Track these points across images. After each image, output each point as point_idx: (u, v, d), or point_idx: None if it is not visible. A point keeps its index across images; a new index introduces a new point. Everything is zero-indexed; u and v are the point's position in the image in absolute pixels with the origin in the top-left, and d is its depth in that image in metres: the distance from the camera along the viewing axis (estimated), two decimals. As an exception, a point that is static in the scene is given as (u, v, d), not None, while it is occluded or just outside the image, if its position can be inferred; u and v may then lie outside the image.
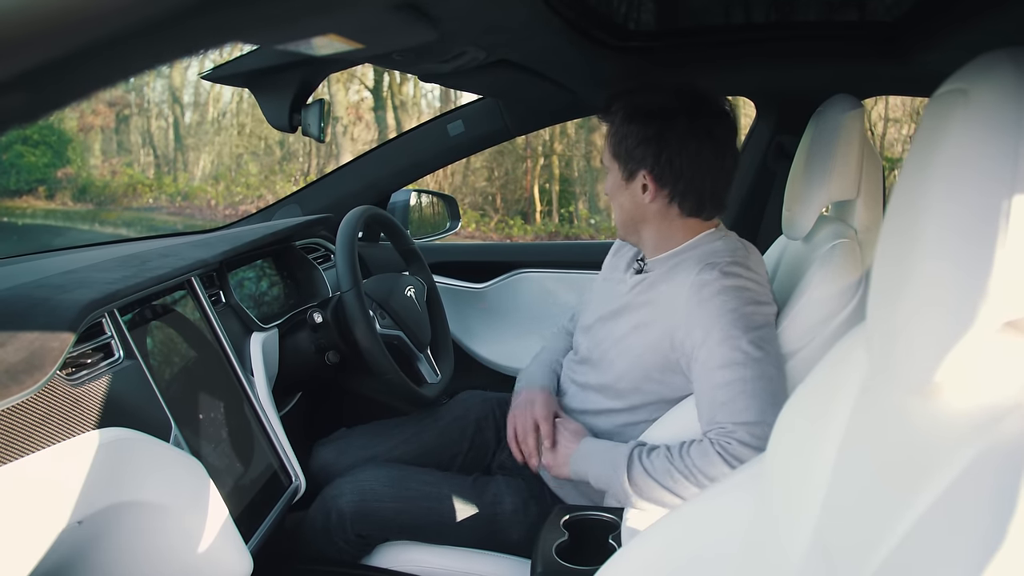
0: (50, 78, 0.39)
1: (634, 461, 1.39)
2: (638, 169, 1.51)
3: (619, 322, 1.56)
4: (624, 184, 1.54)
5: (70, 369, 1.15)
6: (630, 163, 1.51)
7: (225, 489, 1.36)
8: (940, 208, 0.60)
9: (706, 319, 1.41)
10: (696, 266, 1.46)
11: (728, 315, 1.40)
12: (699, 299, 1.42)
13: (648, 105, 1.49)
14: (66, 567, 1.16)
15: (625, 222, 1.58)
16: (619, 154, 1.53)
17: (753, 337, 1.39)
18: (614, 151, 1.53)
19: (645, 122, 1.48)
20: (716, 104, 1.50)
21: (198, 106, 12.08)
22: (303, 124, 1.67)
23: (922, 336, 0.61)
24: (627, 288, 1.59)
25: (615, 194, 1.57)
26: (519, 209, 10.37)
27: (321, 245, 2.30)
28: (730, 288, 1.41)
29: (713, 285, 1.42)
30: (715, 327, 1.39)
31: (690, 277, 1.45)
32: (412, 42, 1.11)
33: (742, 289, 1.42)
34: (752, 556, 0.86)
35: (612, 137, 1.53)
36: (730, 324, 1.39)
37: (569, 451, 1.52)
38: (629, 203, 1.55)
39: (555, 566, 1.31)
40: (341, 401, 2.21)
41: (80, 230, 10.64)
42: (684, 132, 1.47)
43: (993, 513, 0.52)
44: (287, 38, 0.81)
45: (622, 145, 1.52)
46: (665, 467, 1.37)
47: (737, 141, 1.55)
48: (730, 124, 1.52)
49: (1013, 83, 0.58)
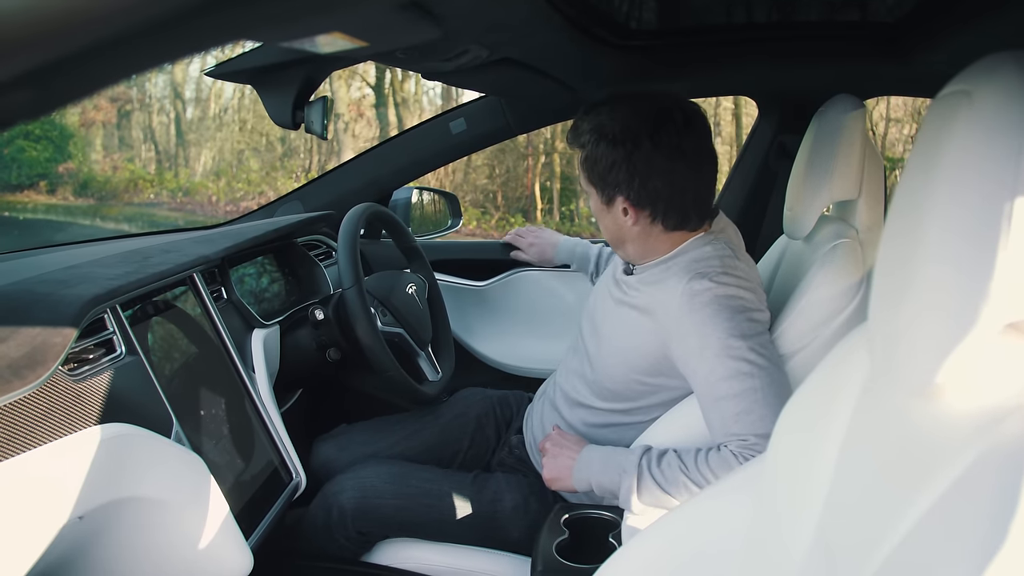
0: (55, 76, 0.40)
1: (644, 472, 1.38)
2: (615, 194, 1.49)
3: (609, 322, 1.57)
4: (605, 208, 1.52)
5: (72, 365, 1.15)
6: (607, 188, 1.49)
7: (226, 485, 1.36)
8: (942, 210, 0.60)
9: (700, 328, 1.40)
10: (685, 275, 1.44)
11: (723, 324, 1.38)
12: (691, 308, 1.41)
13: (612, 129, 1.45)
14: (67, 562, 1.16)
15: (612, 240, 1.57)
16: (593, 180, 1.50)
17: (753, 344, 1.38)
18: (588, 176, 1.51)
19: (611, 147, 1.45)
20: (679, 114, 1.45)
21: (200, 102, 12.09)
22: (306, 121, 1.67)
23: (924, 338, 0.61)
24: (618, 290, 1.58)
25: (599, 216, 1.55)
26: (520, 207, 10.38)
27: (323, 242, 2.30)
28: (722, 297, 1.40)
29: (704, 295, 1.40)
30: (711, 337, 1.38)
31: (680, 285, 1.43)
32: (415, 40, 1.11)
33: (734, 298, 1.41)
34: (753, 555, 0.86)
35: (585, 162, 1.51)
36: (726, 334, 1.38)
37: (571, 462, 1.50)
38: (612, 225, 1.53)
39: (555, 564, 1.31)
40: (342, 398, 2.22)
41: (81, 225, 10.65)
42: (651, 154, 1.43)
43: (994, 514, 0.52)
44: (291, 36, 0.81)
45: (594, 170, 1.49)
46: (678, 478, 1.36)
47: (712, 140, 1.51)
48: (699, 131, 1.47)
49: (1017, 86, 0.58)
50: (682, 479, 1.36)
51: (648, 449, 1.42)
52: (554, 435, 1.56)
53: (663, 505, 1.36)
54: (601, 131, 1.46)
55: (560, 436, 1.55)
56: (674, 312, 1.43)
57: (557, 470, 1.51)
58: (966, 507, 0.56)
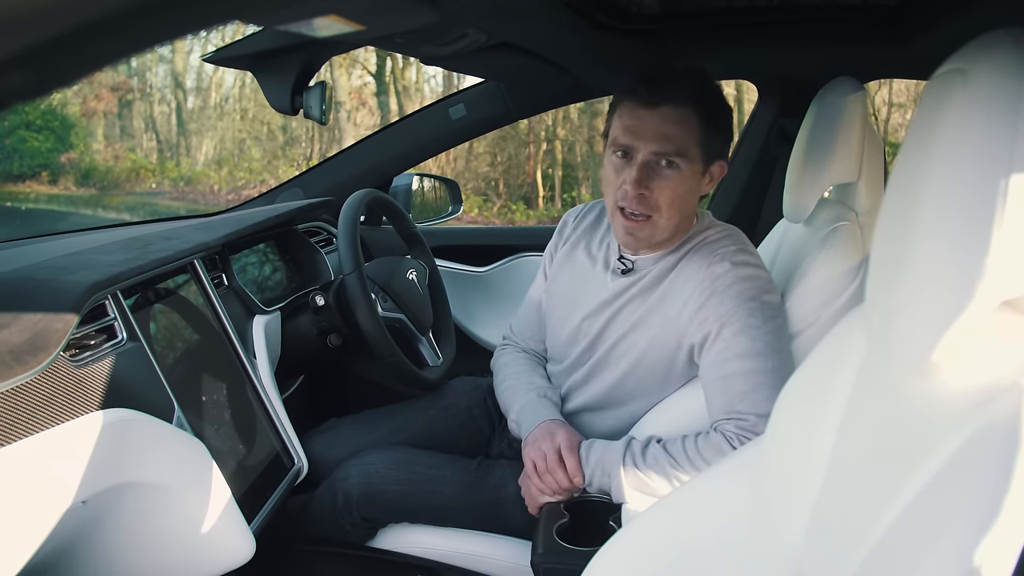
0: (51, 56, 0.40)
1: (629, 466, 1.38)
2: (717, 157, 1.45)
3: (615, 324, 1.53)
4: (695, 175, 1.42)
5: (74, 350, 1.16)
6: (713, 148, 1.43)
7: (228, 470, 1.37)
8: (939, 187, 0.60)
9: (723, 310, 1.39)
10: (703, 260, 1.44)
11: (746, 304, 1.39)
12: (712, 291, 1.41)
13: (717, 86, 1.43)
14: (70, 546, 1.17)
15: (665, 217, 1.43)
16: (704, 140, 1.40)
17: (772, 327, 1.39)
18: (703, 139, 1.40)
19: (727, 107, 1.44)
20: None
21: (200, 91, 12.08)
22: (304, 106, 1.67)
23: (920, 315, 0.61)
24: (614, 289, 1.54)
25: (674, 190, 1.41)
26: (522, 194, 10.38)
27: (323, 228, 2.31)
28: (744, 278, 1.40)
29: (726, 277, 1.40)
30: (734, 316, 1.38)
31: (699, 272, 1.43)
32: (413, 24, 1.11)
33: (755, 278, 1.42)
34: (753, 533, 0.86)
35: (702, 124, 1.39)
36: (748, 313, 1.38)
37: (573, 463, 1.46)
38: (686, 197, 1.43)
39: (556, 547, 1.31)
40: (343, 384, 2.22)
41: (83, 215, 10.66)
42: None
43: (989, 490, 0.53)
44: (289, 19, 0.81)
45: (716, 130, 1.42)
46: (664, 469, 1.37)
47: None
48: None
49: (1012, 63, 0.58)
50: (669, 469, 1.37)
51: (630, 443, 1.42)
52: (540, 467, 1.47)
53: (656, 495, 1.37)
54: (718, 94, 1.44)
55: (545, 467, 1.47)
56: (693, 298, 1.43)
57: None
58: (961, 483, 0.57)
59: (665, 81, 1.37)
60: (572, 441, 1.47)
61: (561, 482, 1.44)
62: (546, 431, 1.49)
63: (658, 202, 1.41)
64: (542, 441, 1.48)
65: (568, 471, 1.43)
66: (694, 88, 1.38)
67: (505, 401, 1.65)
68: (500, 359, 1.77)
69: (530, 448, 1.49)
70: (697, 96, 1.38)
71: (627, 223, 1.44)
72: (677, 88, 1.37)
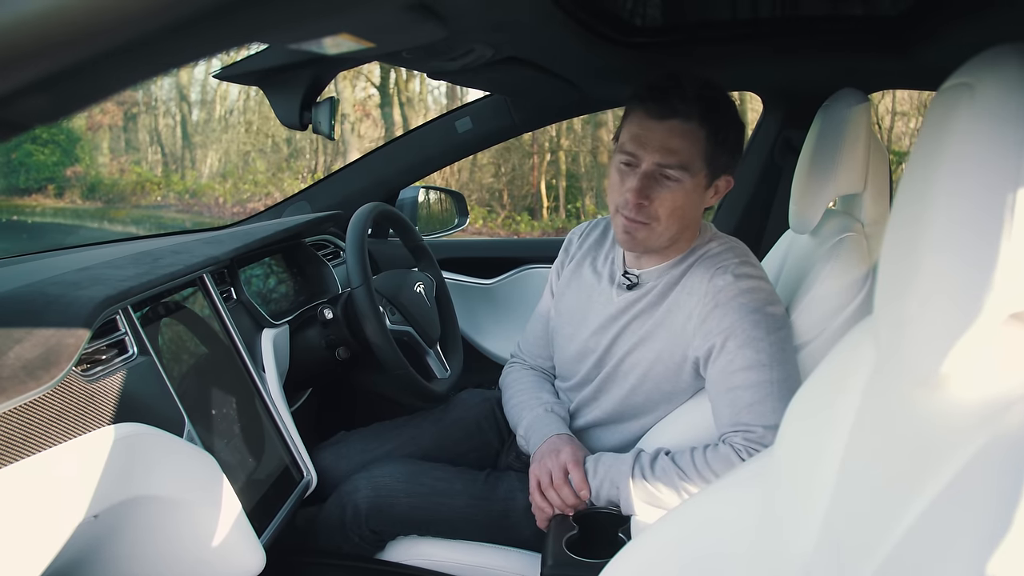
0: (70, 82, 0.40)
1: (638, 479, 1.39)
2: (724, 172, 1.45)
3: (622, 339, 1.54)
4: (698, 189, 1.43)
5: (85, 365, 1.16)
6: (720, 163, 1.43)
7: (238, 484, 1.37)
8: (946, 201, 0.60)
9: (726, 322, 1.40)
10: (706, 272, 1.45)
11: (749, 316, 1.39)
12: (715, 303, 1.41)
13: (727, 98, 1.43)
14: (82, 561, 1.18)
15: (666, 229, 1.45)
16: (708, 154, 1.41)
17: (776, 339, 1.39)
18: (710, 154, 1.41)
19: (739, 123, 1.44)
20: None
21: (205, 104, 12.14)
22: (313, 122, 1.68)
23: (929, 328, 0.62)
24: (620, 304, 1.55)
25: (675, 201, 1.42)
26: (526, 205, 10.39)
27: (331, 242, 2.31)
28: (746, 291, 1.41)
29: (729, 290, 1.41)
30: (737, 329, 1.39)
31: (702, 285, 1.44)
32: (422, 41, 1.12)
33: (757, 290, 1.42)
34: (763, 545, 0.86)
35: (710, 139, 1.39)
36: (751, 325, 1.39)
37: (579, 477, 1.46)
38: (690, 210, 1.44)
39: (565, 559, 1.31)
40: (352, 397, 2.22)
41: (89, 228, 10.70)
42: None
43: (999, 502, 0.53)
44: (300, 38, 0.82)
45: (723, 147, 1.42)
46: (673, 481, 1.37)
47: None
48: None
49: (1018, 78, 0.59)
50: (678, 481, 1.37)
51: (638, 455, 1.43)
52: (545, 483, 1.48)
53: (665, 507, 1.37)
54: (729, 104, 1.43)
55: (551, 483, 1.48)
56: (696, 311, 1.43)
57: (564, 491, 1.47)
58: (971, 496, 0.57)
59: (676, 96, 1.37)
60: (578, 456, 1.48)
61: (567, 499, 1.45)
62: (552, 448, 1.51)
63: (657, 212, 1.42)
64: (547, 458, 1.49)
65: (574, 486, 1.44)
66: (705, 105, 1.38)
67: (513, 417, 1.66)
68: (508, 376, 1.78)
69: (536, 465, 1.50)
70: (706, 113, 1.38)
71: (626, 223, 1.45)
72: (687, 104, 1.37)
